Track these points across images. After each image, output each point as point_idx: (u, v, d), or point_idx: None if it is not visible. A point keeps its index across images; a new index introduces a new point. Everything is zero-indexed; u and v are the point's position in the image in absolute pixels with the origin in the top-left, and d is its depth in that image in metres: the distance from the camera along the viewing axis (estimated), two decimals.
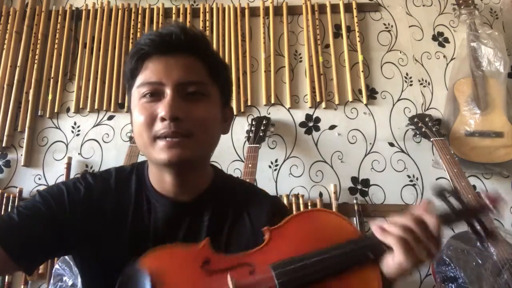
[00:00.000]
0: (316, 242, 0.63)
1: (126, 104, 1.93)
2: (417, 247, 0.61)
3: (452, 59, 2.01)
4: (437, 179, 1.81)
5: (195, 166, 0.73)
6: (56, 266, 1.51)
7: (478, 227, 0.71)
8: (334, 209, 1.73)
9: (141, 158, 1.81)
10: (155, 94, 0.70)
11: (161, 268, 0.61)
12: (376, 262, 0.62)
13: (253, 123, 1.81)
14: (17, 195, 1.77)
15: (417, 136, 1.85)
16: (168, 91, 0.69)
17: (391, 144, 1.88)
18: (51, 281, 1.48)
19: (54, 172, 1.85)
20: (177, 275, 0.61)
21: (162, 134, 0.68)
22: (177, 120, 0.67)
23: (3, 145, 1.87)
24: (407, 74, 1.99)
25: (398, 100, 1.95)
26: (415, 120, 1.81)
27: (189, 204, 0.75)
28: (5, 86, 1.94)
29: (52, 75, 1.98)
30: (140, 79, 0.71)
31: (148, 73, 0.71)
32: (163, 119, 0.67)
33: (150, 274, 0.60)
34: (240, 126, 1.91)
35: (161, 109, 0.68)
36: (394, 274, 0.63)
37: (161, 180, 0.75)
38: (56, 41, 2.02)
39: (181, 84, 0.69)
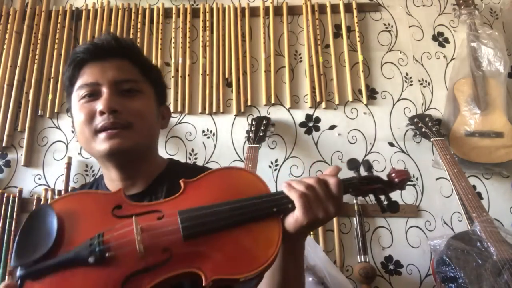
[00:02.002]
0: (226, 195, 0.65)
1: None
2: (315, 204, 0.64)
3: (452, 59, 2.01)
4: (437, 179, 1.81)
5: (136, 157, 0.77)
6: None
7: (382, 198, 0.74)
8: None
9: None
10: (93, 95, 0.76)
11: (70, 209, 0.63)
12: (279, 216, 0.64)
13: (253, 123, 1.81)
14: (17, 195, 1.77)
15: (417, 136, 1.85)
16: (104, 89, 0.75)
17: (391, 144, 1.88)
18: None
19: (54, 172, 1.85)
20: (85, 217, 0.62)
21: (101, 126, 0.73)
22: (115, 113, 0.73)
23: (3, 145, 1.87)
24: (407, 74, 1.99)
25: (398, 100, 1.95)
26: (415, 120, 1.81)
27: (142, 193, 0.79)
28: (5, 86, 1.94)
29: (52, 75, 1.98)
30: (78, 83, 0.78)
31: (85, 77, 0.77)
32: (102, 113, 0.73)
33: (58, 214, 0.61)
34: (240, 126, 1.91)
35: (100, 104, 0.74)
36: (292, 229, 0.64)
37: (110, 179, 0.80)
38: (56, 41, 2.02)
39: (116, 82, 0.76)
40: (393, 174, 0.73)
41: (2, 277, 1.66)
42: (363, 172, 0.78)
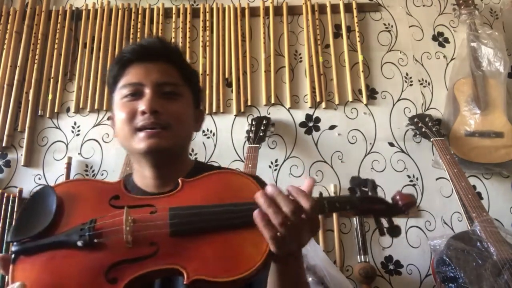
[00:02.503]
0: (222, 197, 0.65)
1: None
2: (288, 240, 0.59)
3: (452, 59, 2.01)
4: (437, 179, 1.81)
5: (171, 157, 0.81)
6: None
7: (383, 219, 0.71)
8: None
9: None
10: (135, 94, 0.79)
11: (70, 193, 0.66)
12: None
13: (253, 123, 1.81)
14: (17, 195, 1.77)
15: (417, 136, 1.85)
16: (147, 90, 0.78)
17: (391, 144, 1.88)
18: None
19: (54, 172, 1.85)
20: (83, 202, 0.65)
21: (141, 125, 0.76)
22: (156, 113, 0.76)
23: (3, 145, 1.87)
24: (407, 74, 1.99)
25: (398, 100, 1.95)
26: (415, 120, 1.81)
27: (171, 191, 0.80)
28: (5, 86, 1.94)
29: (52, 75, 1.98)
30: (122, 82, 0.81)
31: (129, 77, 0.81)
32: (143, 113, 0.76)
33: (58, 196, 0.63)
34: (240, 126, 1.91)
35: (142, 104, 0.77)
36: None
37: (143, 176, 0.83)
38: (56, 41, 2.02)
39: (158, 84, 0.79)
40: (398, 197, 0.69)
41: (2, 276, 1.66)
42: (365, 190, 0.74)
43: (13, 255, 0.58)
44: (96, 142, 1.90)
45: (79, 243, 0.58)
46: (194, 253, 0.59)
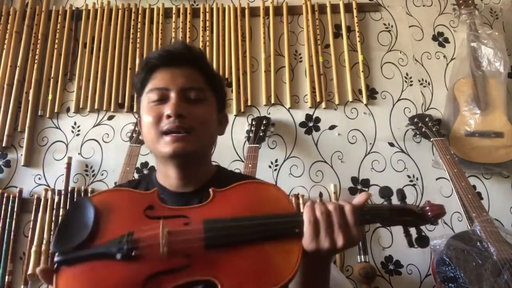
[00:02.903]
0: (252, 208, 0.67)
1: (126, 105, 1.93)
2: (324, 233, 0.63)
3: (452, 59, 2.01)
4: (437, 179, 1.81)
5: (195, 160, 0.83)
6: None
7: (411, 230, 0.71)
8: None
9: (141, 159, 1.81)
10: (161, 99, 0.82)
11: (107, 204, 0.68)
12: (301, 237, 0.64)
13: (253, 123, 1.81)
14: (17, 195, 1.77)
15: (417, 136, 1.85)
16: (172, 95, 0.81)
17: (391, 144, 1.88)
18: None
19: (54, 172, 1.85)
20: (120, 213, 0.67)
21: (167, 129, 0.79)
22: (181, 117, 0.79)
23: (3, 145, 1.87)
24: (407, 74, 1.99)
25: (398, 100, 1.95)
26: (415, 120, 1.81)
27: (192, 192, 0.84)
28: (5, 86, 1.94)
29: (52, 75, 1.98)
30: (149, 86, 0.84)
31: (156, 81, 0.84)
32: (168, 116, 0.79)
33: (95, 206, 0.66)
34: (240, 126, 1.91)
35: (167, 108, 0.80)
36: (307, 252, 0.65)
37: (166, 176, 0.85)
38: (56, 41, 2.02)
39: (184, 89, 0.82)
40: (427, 208, 0.70)
41: (2, 276, 1.66)
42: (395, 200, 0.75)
43: (56, 265, 0.61)
44: (96, 142, 1.90)
45: (118, 256, 0.60)
46: (228, 265, 0.61)
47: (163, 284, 0.58)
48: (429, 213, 0.69)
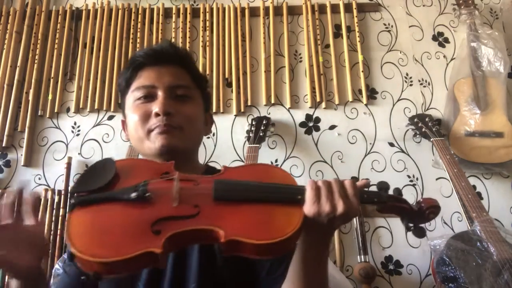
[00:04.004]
0: (261, 180, 0.71)
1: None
2: (324, 198, 0.64)
3: (452, 59, 2.01)
4: (437, 179, 1.81)
5: (184, 158, 0.82)
6: (56, 266, 1.51)
7: (407, 219, 0.74)
8: None
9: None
10: (148, 97, 0.82)
11: (128, 166, 0.73)
12: (302, 204, 0.67)
13: (253, 123, 1.81)
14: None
15: (417, 136, 1.85)
16: (160, 93, 0.81)
17: (391, 144, 1.88)
18: (51, 281, 1.48)
19: (54, 172, 1.85)
20: (138, 173, 0.71)
21: (155, 127, 0.79)
22: (169, 115, 0.79)
23: (3, 145, 1.87)
24: (407, 74, 1.99)
25: (398, 100, 1.95)
26: (415, 120, 1.81)
27: None
28: (5, 86, 1.94)
29: (52, 75, 1.98)
30: (135, 85, 0.84)
31: (142, 80, 0.83)
32: (157, 115, 0.79)
33: (117, 166, 0.71)
34: (240, 126, 1.91)
35: (155, 106, 0.79)
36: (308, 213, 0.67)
37: None
38: (56, 41, 2.02)
39: (171, 87, 0.82)
40: (421, 200, 0.73)
41: (2, 277, 1.66)
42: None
43: (72, 205, 0.64)
44: (96, 142, 1.90)
45: (133, 195, 0.63)
46: (233, 217, 0.64)
47: (170, 228, 0.61)
48: (423, 205, 0.72)
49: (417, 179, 1.82)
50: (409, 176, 1.82)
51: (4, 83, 1.95)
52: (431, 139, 1.73)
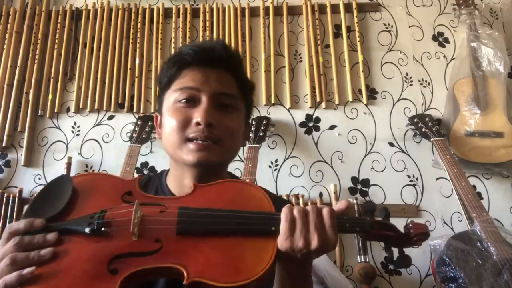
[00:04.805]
0: (231, 205, 0.65)
1: (126, 105, 1.93)
2: (298, 232, 0.60)
3: (452, 59, 2.01)
4: (437, 179, 1.81)
5: (215, 171, 0.77)
6: None
7: (392, 248, 0.68)
8: None
9: (141, 159, 1.81)
10: (190, 100, 0.75)
11: (86, 184, 0.68)
12: (276, 236, 0.62)
13: (253, 123, 1.80)
14: (17, 195, 1.77)
15: (417, 136, 1.85)
16: (204, 99, 0.74)
17: (391, 144, 1.88)
18: None
19: (54, 172, 1.85)
20: (97, 194, 0.67)
21: (193, 136, 0.73)
22: (210, 126, 0.73)
23: (3, 145, 1.87)
24: (407, 74, 1.99)
25: (398, 100, 1.95)
26: (415, 120, 1.81)
27: None
28: (5, 86, 1.94)
29: (52, 75, 1.98)
30: (178, 84, 0.77)
31: (187, 80, 0.76)
32: (198, 124, 0.73)
33: (74, 185, 0.66)
34: None
35: (198, 114, 0.73)
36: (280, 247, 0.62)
37: (180, 184, 0.79)
38: (56, 41, 2.02)
39: (216, 94, 0.76)
40: (410, 225, 0.67)
41: None
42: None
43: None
44: (96, 142, 1.90)
45: (87, 230, 0.59)
46: (197, 254, 0.59)
47: (129, 266, 0.57)
48: (412, 231, 0.66)
49: (417, 179, 1.82)
50: (409, 176, 1.82)
51: (4, 83, 1.95)
52: (431, 139, 1.73)
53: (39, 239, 0.59)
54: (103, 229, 0.60)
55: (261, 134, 1.75)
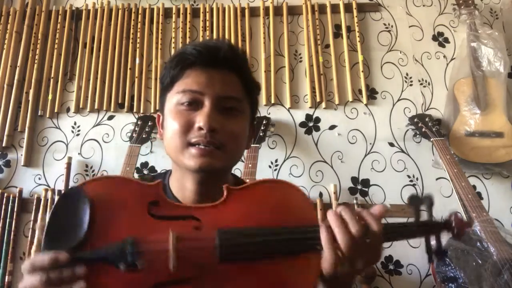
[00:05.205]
0: (272, 216, 0.61)
1: (126, 105, 1.93)
2: (345, 257, 0.57)
3: (452, 59, 2.01)
4: (437, 179, 1.81)
5: (218, 176, 0.75)
6: None
7: (433, 243, 0.66)
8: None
9: (141, 159, 1.81)
10: (193, 103, 0.72)
11: (104, 195, 0.59)
12: (320, 253, 0.59)
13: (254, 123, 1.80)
14: (17, 195, 1.77)
15: (417, 136, 1.85)
16: (207, 102, 0.71)
17: (391, 144, 1.88)
18: None
19: (54, 172, 1.85)
20: (120, 208, 0.59)
21: (195, 141, 0.70)
22: (213, 132, 0.70)
23: (3, 145, 1.87)
24: (407, 74, 1.99)
25: (398, 100, 1.95)
26: (415, 120, 1.81)
27: None
28: (5, 86, 1.94)
29: (52, 75, 1.98)
30: (180, 85, 0.74)
31: (190, 81, 0.73)
32: (200, 129, 0.70)
33: (90, 199, 0.57)
34: None
35: (200, 118, 0.70)
36: (324, 269, 0.60)
37: (182, 188, 0.77)
38: (56, 41, 2.02)
39: (220, 98, 0.72)
40: (454, 221, 0.64)
41: (2, 276, 1.66)
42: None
43: None
44: (96, 142, 1.90)
45: (121, 267, 0.53)
46: (240, 280, 0.56)
47: None
48: (454, 225, 0.64)
49: (417, 179, 1.82)
50: (409, 176, 1.82)
51: (4, 83, 1.95)
52: (431, 139, 1.73)
53: (67, 274, 0.53)
54: (138, 264, 0.54)
55: (261, 134, 1.75)
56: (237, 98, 0.75)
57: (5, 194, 1.76)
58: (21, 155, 1.87)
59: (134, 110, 1.93)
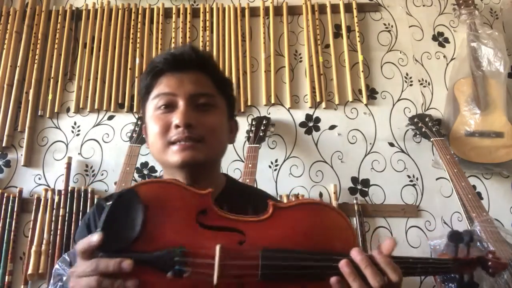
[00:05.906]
0: (314, 239, 0.63)
1: (126, 105, 1.93)
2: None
3: (452, 59, 2.01)
4: (437, 179, 1.81)
5: (205, 170, 0.79)
6: (56, 266, 1.51)
7: (466, 280, 0.68)
8: None
9: (141, 159, 1.81)
10: (169, 106, 0.77)
11: (157, 199, 0.61)
12: None
13: (253, 123, 1.81)
14: (17, 195, 1.77)
15: (417, 136, 1.85)
16: (181, 102, 0.77)
17: (391, 144, 1.88)
18: (51, 281, 1.48)
19: (54, 172, 1.85)
20: (170, 213, 0.61)
21: (175, 139, 0.75)
22: (190, 127, 0.74)
23: (3, 145, 1.87)
24: (407, 74, 1.99)
25: (398, 100, 1.95)
26: (415, 120, 1.81)
27: None
28: (5, 86, 1.94)
29: (52, 75, 1.98)
30: (154, 92, 0.80)
31: (162, 87, 0.79)
32: (177, 126, 0.75)
33: (143, 201, 0.60)
34: (240, 126, 1.90)
35: (176, 117, 0.75)
36: None
37: None
38: (56, 41, 2.02)
39: (192, 96, 0.78)
40: (492, 261, 0.67)
41: (2, 276, 1.66)
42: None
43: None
44: (96, 142, 1.90)
45: (169, 275, 0.56)
46: None
47: None
48: (490, 268, 0.67)
49: (417, 179, 1.82)
50: (409, 176, 1.82)
51: (4, 83, 1.95)
52: (431, 139, 1.73)
53: (115, 266, 0.56)
54: (185, 274, 0.57)
55: (261, 134, 1.75)
56: (209, 94, 0.80)
57: (5, 194, 1.76)
58: (21, 155, 1.87)
59: (134, 110, 1.93)
